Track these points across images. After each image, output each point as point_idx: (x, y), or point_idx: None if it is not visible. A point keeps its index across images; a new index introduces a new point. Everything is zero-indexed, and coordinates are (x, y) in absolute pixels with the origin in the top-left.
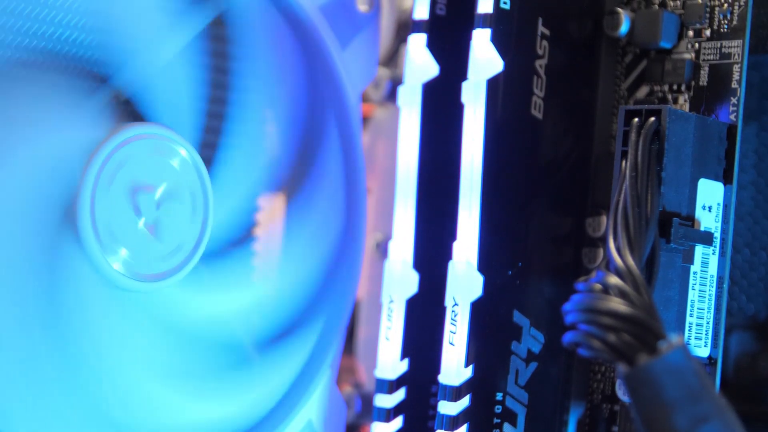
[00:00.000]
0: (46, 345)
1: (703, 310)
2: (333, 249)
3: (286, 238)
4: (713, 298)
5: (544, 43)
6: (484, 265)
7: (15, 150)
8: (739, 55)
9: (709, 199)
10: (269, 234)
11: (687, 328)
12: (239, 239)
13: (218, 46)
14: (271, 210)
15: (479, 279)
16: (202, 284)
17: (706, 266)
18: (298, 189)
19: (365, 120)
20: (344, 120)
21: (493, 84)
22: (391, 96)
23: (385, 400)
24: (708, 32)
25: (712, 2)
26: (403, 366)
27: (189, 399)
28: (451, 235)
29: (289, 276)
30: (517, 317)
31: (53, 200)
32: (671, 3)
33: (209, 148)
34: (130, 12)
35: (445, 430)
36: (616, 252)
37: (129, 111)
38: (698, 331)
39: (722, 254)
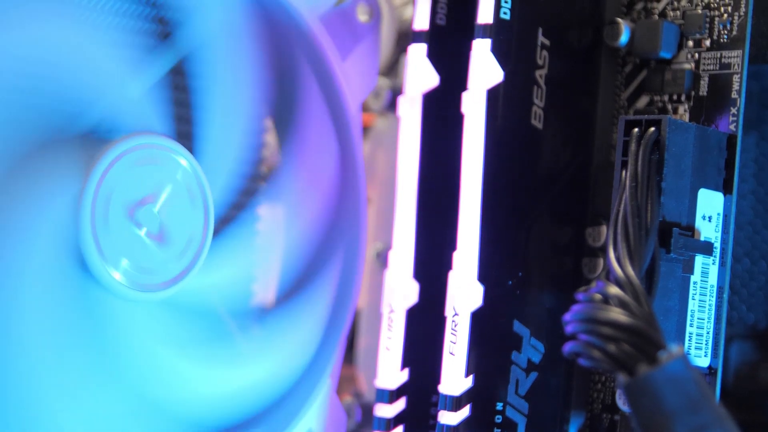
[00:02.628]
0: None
1: (703, 320)
2: (333, 258)
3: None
4: (713, 307)
5: (544, 53)
6: (484, 275)
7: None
8: (738, 65)
9: (709, 209)
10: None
11: (687, 338)
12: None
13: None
14: (272, 220)
15: (479, 289)
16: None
17: (706, 276)
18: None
19: (365, 130)
20: (344, 130)
21: (493, 94)
22: (392, 106)
23: (386, 410)
24: (708, 42)
25: (712, 12)
26: (403, 376)
27: (201, 366)
28: (452, 245)
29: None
30: (518, 327)
31: (43, 110)
32: (671, 13)
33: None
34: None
35: None
36: (616, 262)
37: (178, 88)
38: (698, 341)
39: (722, 264)
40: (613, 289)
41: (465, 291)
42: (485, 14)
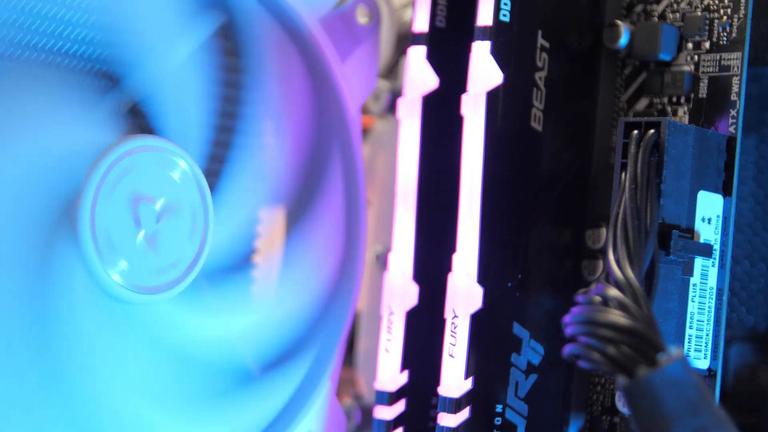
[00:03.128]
0: (32, 357)
1: (703, 322)
2: (333, 264)
3: (288, 256)
4: (713, 310)
5: (544, 55)
6: (483, 277)
7: (13, 139)
8: (738, 67)
9: (709, 211)
10: (272, 249)
11: (686, 340)
12: (241, 260)
13: (225, 60)
14: (274, 226)
15: (479, 291)
16: (202, 305)
17: (705, 278)
18: (301, 205)
19: (365, 132)
20: (344, 133)
21: (492, 96)
22: (391, 108)
23: (385, 412)
24: (707, 44)
25: (712, 15)
26: (402, 378)
27: (184, 423)
28: (451, 247)
29: (290, 296)
30: (517, 329)
31: (52, 196)
32: (671, 15)
33: (217, 161)
34: (142, 13)
35: None
36: (616, 264)
37: (138, 117)
38: (698, 343)
39: (722, 266)
40: (613, 292)
41: (464, 293)
42: (485, 16)
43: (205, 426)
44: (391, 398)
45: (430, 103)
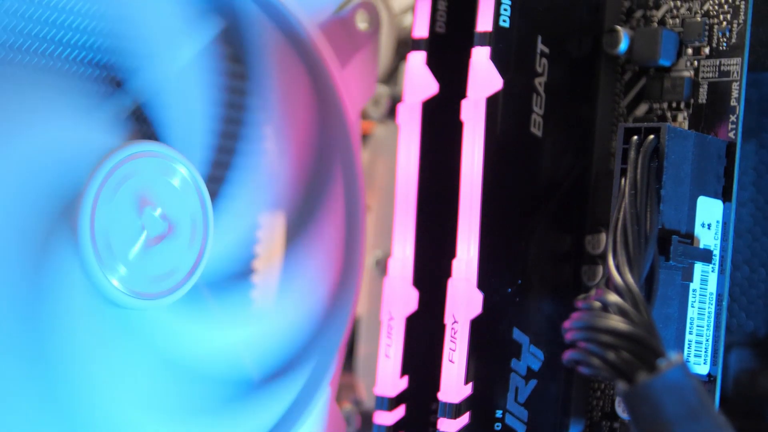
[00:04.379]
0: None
1: (703, 327)
2: (334, 271)
3: (288, 264)
4: (712, 315)
5: (544, 61)
6: (483, 283)
7: (13, 140)
8: (738, 72)
9: (709, 217)
10: (273, 256)
11: (686, 346)
12: (242, 267)
13: (227, 65)
14: (275, 232)
15: (479, 296)
16: (202, 314)
17: (705, 284)
18: (301, 211)
19: (365, 137)
20: (344, 138)
21: (492, 102)
22: (391, 113)
23: (385, 418)
24: (707, 50)
25: (711, 20)
26: (402, 383)
27: None
28: (451, 252)
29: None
30: (517, 334)
31: (52, 199)
32: (670, 21)
33: (220, 167)
34: (144, 17)
35: None
36: (616, 270)
37: (141, 123)
38: (697, 349)
39: (721, 272)
40: (613, 297)
41: (464, 298)
42: (484, 22)
43: None
44: (390, 403)
45: (430, 108)
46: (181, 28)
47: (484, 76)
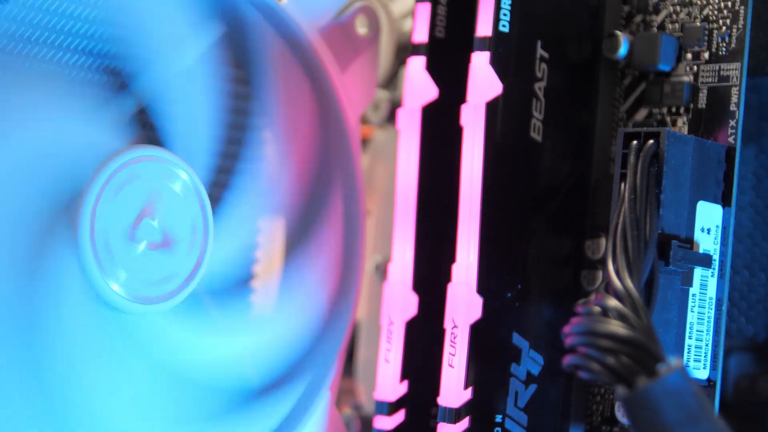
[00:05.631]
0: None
1: (702, 332)
2: (333, 277)
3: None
4: (712, 320)
5: (543, 65)
6: (483, 287)
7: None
8: (737, 77)
9: (708, 222)
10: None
11: (686, 351)
12: (243, 273)
13: (229, 71)
14: (275, 237)
15: (478, 301)
16: (202, 321)
17: (705, 288)
18: (302, 216)
19: (364, 142)
20: (344, 143)
21: (492, 107)
22: (391, 118)
23: (385, 422)
24: (707, 55)
25: (711, 25)
26: (402, 388)
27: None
28: (450, 257)
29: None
30: (517, 339)
31: (52, 199)
32: (670, 26)
33: (222, 172)
34: (149, 19)
35: None
36: (615, 274)
37: (144, 128)
38: (697, 354)
39: (721, 276)
40: (612, 302)
41: (464, 303)
42: (484, 27)
43: None
44: (390, 408)
45: (430, 113)
46: (183, 32)
47: (483, 80)
